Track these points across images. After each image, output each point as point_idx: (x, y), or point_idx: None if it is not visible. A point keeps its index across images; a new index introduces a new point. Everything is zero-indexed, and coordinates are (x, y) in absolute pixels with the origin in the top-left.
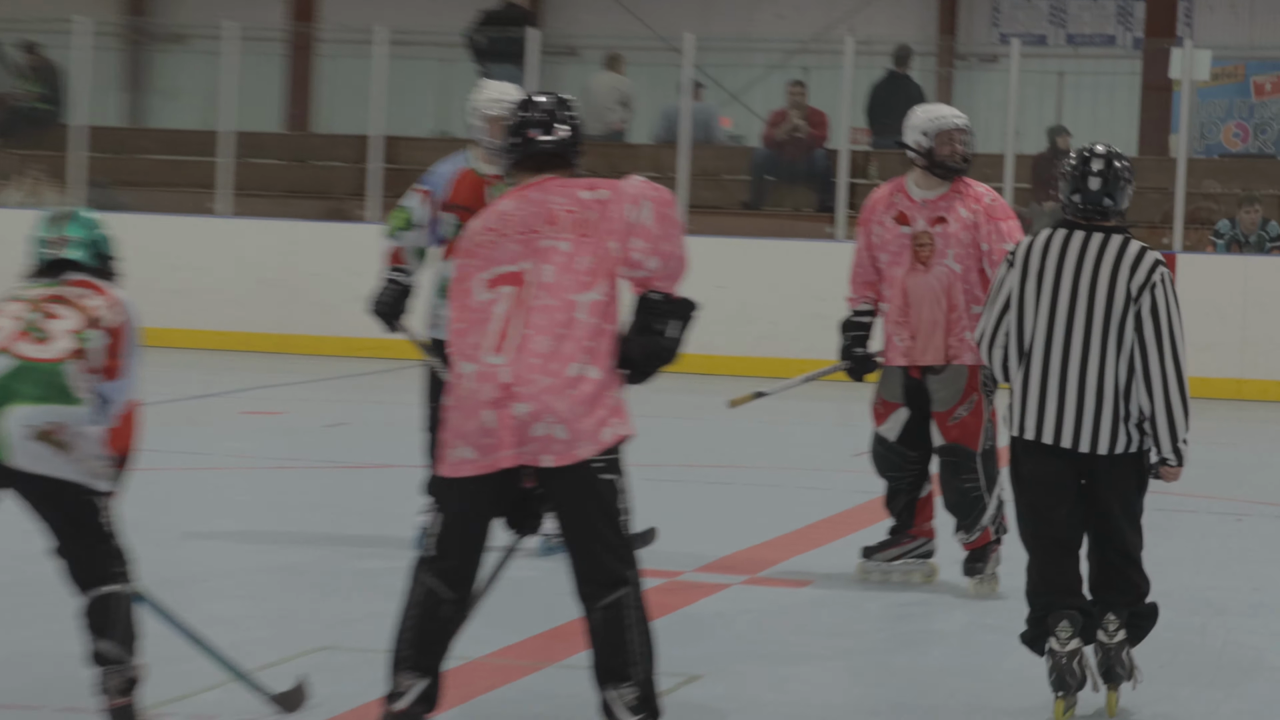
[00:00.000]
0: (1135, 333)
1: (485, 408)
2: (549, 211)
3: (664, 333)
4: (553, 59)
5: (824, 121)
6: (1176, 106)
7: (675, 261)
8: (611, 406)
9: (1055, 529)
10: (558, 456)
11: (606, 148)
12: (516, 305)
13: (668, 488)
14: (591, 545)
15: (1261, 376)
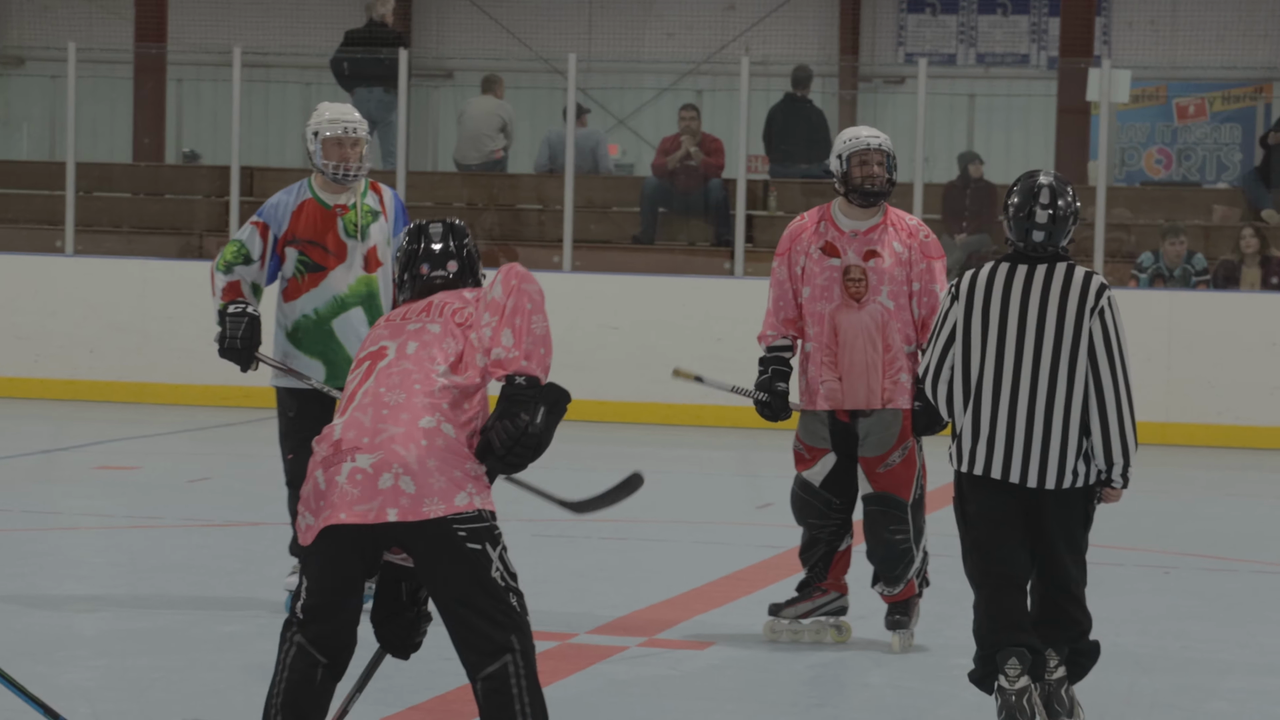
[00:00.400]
0: (1087, 357)
1: (317, 468)
2: (428, 303)
3: (529, 421)
4: (425, 82)
5: (719, 149)
6: (1095, 131)
7: (533, 341)
8: (471, 474)
9: (1003, 565)
10: (402, 511)
11: (485, 178)
12: (370, 374)
13: (558, 544)
14: (464, 614)
15: (1188, 420)
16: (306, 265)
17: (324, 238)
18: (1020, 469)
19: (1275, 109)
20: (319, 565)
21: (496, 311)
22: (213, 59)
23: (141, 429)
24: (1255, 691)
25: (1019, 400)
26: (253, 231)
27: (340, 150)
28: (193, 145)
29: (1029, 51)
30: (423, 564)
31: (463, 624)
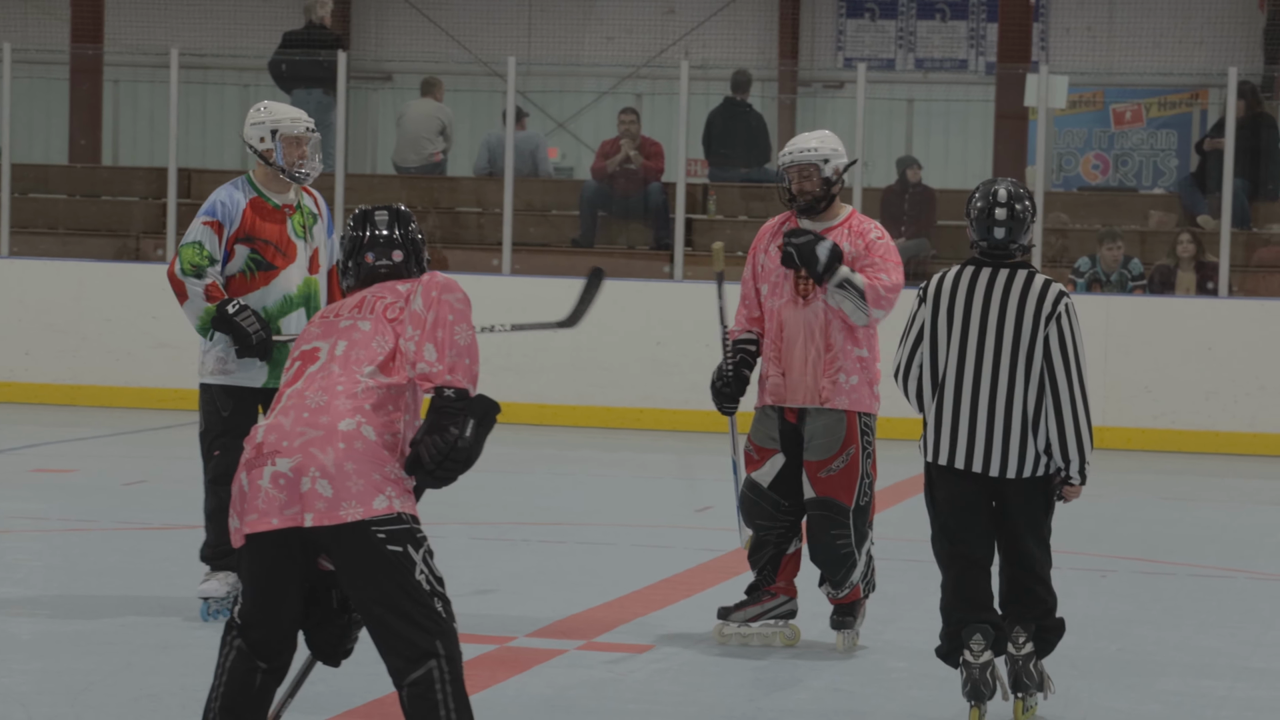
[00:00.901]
0: (1044, 361)
1: (241, 471)
2: (361, 298)
3: (459, 434)
4: (364, 84)
5: (659, 152)
6: (1033, 136)
7: (457, 352)
8: (391, 477)
9: (968, 548)
10: (318, 515)
11: (424, 181)
12: (299, 375)
13: (496, 547)
14: (388, 618)
15: (1125, 424)
16: (258, 263)
17: (276, 236)
18: (982, 459)
19: (1211, 115)
20: (251, 571)
21: (419, 325)
22: (150, 60)
23: (77, 431)
24: (1191, 694)
25: (980, 396)
26: (208, 232)
27: (299, 149)
28: (129, 147)
29: (967, 57)
30: (343, 568)
31: (386, 629)
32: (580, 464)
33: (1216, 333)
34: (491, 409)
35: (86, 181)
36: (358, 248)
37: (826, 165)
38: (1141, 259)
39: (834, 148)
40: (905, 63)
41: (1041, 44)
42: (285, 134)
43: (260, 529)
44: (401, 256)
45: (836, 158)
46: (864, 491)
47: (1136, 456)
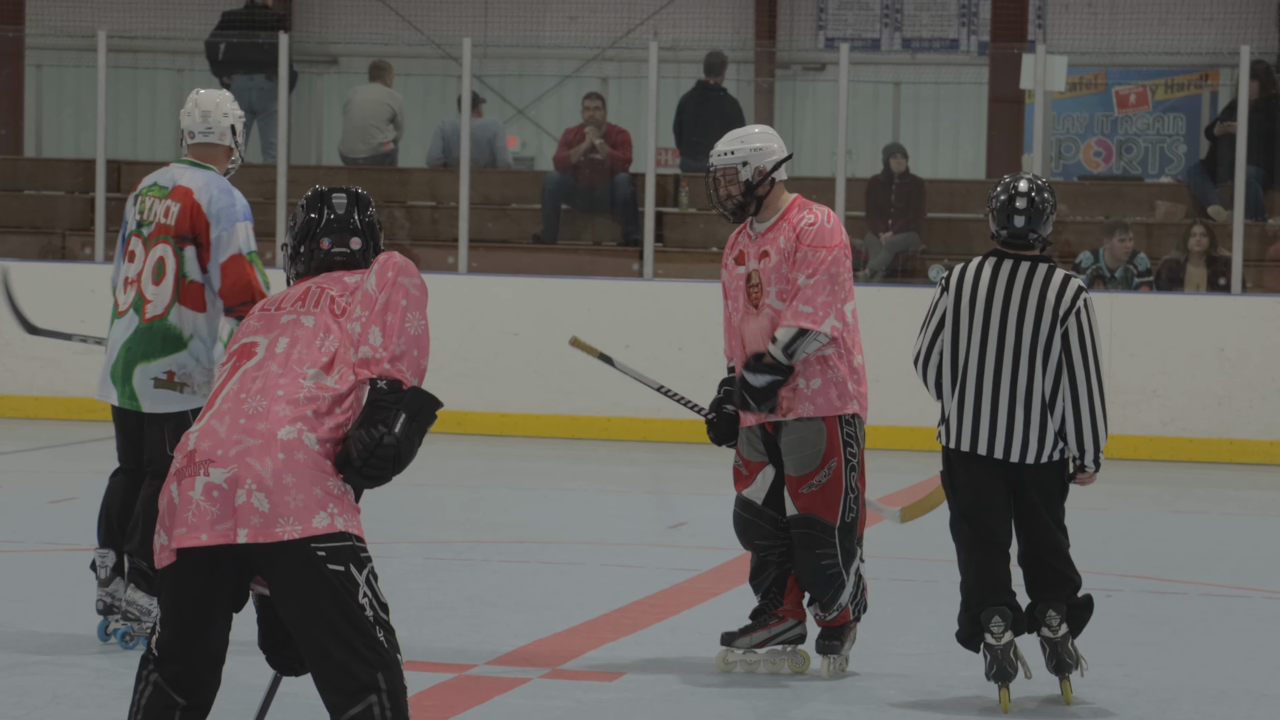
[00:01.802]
0: (1062, 353)
1: (171, 481)
2: (306, 289)
3: (386, 431)
4: (308, 68)
5: (626, 140)
6: (1029, 121)
7: (405, 341)
8: (334, 493)
9: (989, 531)
10: (252, 531)
11: (374, 172)
12: (234, 373)
13: (453, 567)
14: (326, 646)
15: (1131, 431)
16: None
17: None
18: (1003, 445)
19: (1222, 97)
20: (172, 594)
21: (368, 305)
22: (75, 43)
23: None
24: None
25: (1001, 385)
26: (250, 239)
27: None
28: (54, 137)
29: (958, 36)
30: (279, 590)
31: (324, 658)
32: (544, 477)
33: (1229, 332)
34: (429, 404)
35: (7, 174)
36: (311, 231)
37: (745, 168)
38: (1148, 253)
39: (756, 146)
40: (891, 43)
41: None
42: (236, 123)
43: (189, 544)
44: (360, 244)
45: (759, 158)
46: (849, 507)
47: (1144, 466)
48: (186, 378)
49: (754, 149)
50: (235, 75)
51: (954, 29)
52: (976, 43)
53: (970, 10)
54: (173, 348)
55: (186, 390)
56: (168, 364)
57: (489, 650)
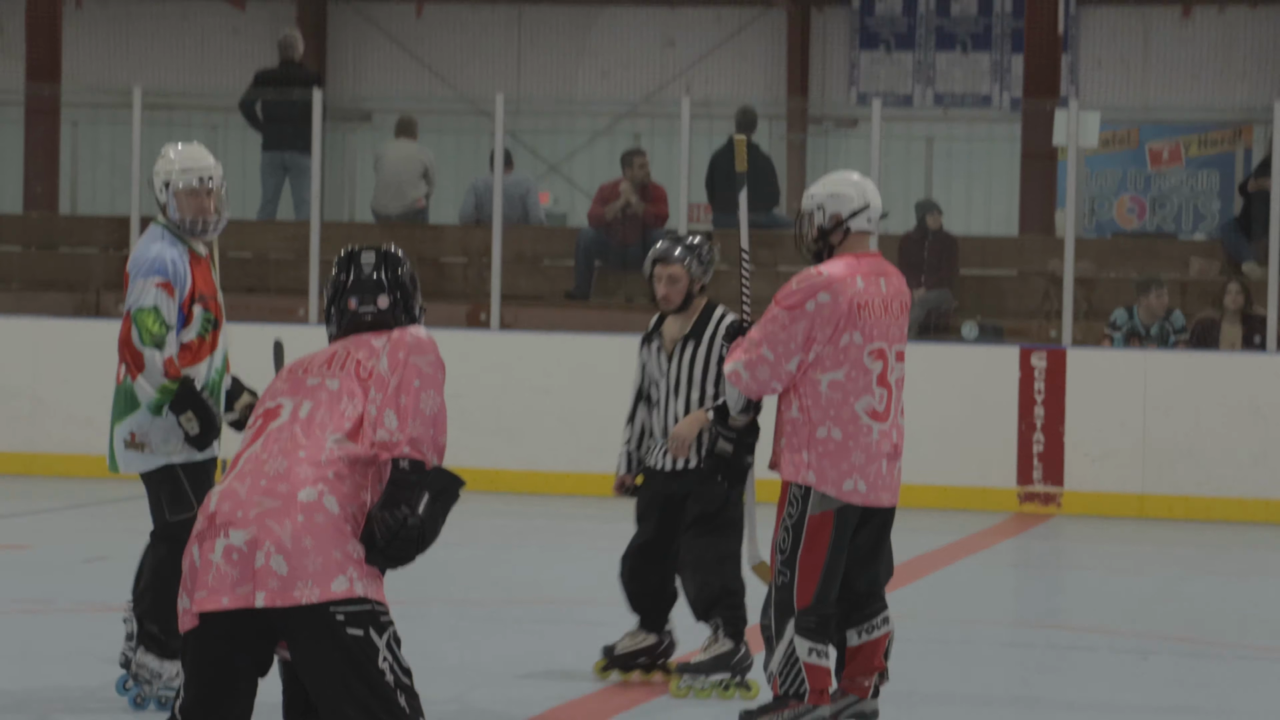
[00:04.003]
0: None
1: (193, 544)
2: (333, 353)
3: (410, 513)
4: (342, 124)
5: (662, 196)
6: (1062, 177)
7: (421, 422)
8: (354, 557)
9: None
10: (270, 595)
11: (407, 228)
12: (259, 435)
13: (485, 628)
14: (346, 711)
15: (1165, 491)
16: (210, 323)
17: (212, 290)
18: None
19: (1256, 153)
20: (196, 659)
21: (382, 388)
22: (111, 100)
23: (32, 503)
24: None
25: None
26: (164, 296)
27: (197, 201)
28: (89, 193)
29: (991, 92)
30: (299, 654)
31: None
32: (577, 536)
33: (1265, 391)
34: (452, 484)
35: (43, 231)
36: (341, 292)
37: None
38: (1183, 310)
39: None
40: (924, 98)
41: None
42: (177, 187)
43: (209, 608)
44: (388, 303)
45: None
46: (780, 571)
47: (1178, 526)
48: (145, 437)
49: (831, 194)
50: (270, 132)
51: (986, 85)
52: (1009, 98)
53: (1002, 66)
54: (131, 408)
55: (146, 450)
56: (129, 425)
57: (520, 713)
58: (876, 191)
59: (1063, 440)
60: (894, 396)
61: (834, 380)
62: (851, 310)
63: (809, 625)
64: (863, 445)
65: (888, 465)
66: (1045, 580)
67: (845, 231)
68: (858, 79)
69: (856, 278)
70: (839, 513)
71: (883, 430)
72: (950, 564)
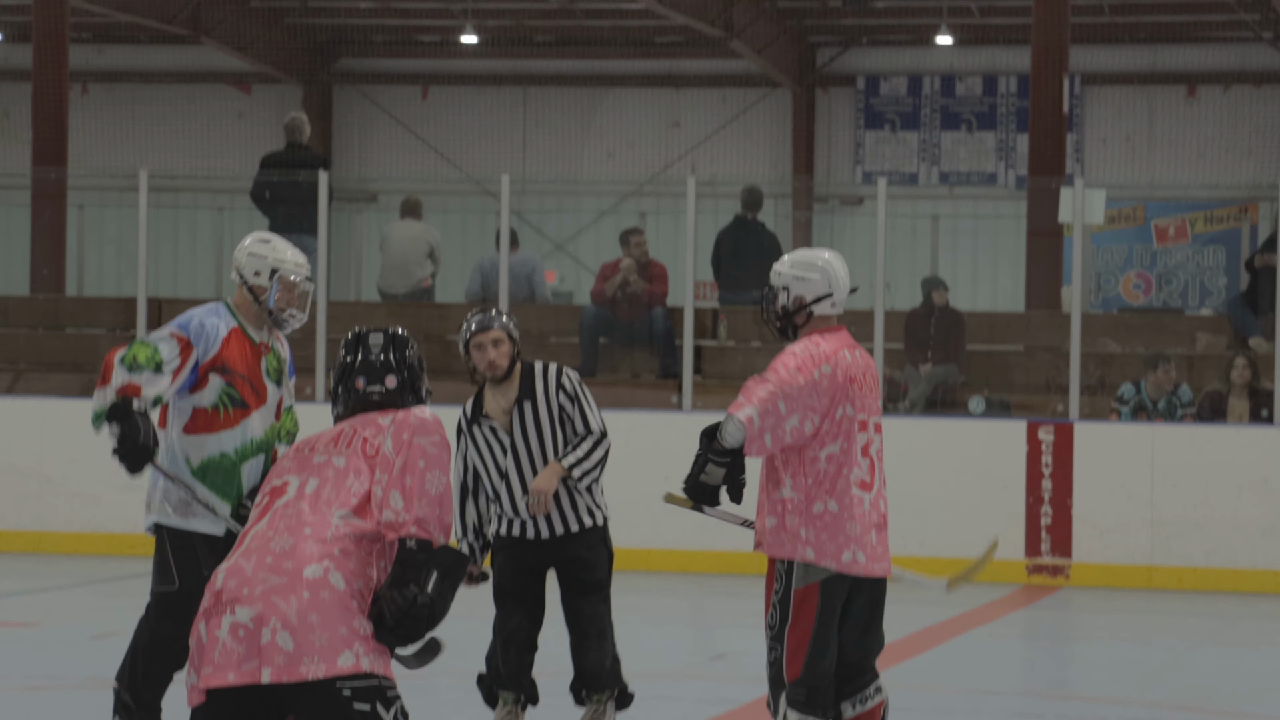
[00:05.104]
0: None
1: (199, 620)
2: (340, 431)
3: (419, 591)
4: (348, 205)
5: (662, 274)
6: (1068, 254)
7: (426, 502)
8: (360, 632)
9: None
10: (277, 671)
11: (413, 307)
12: (265, 513)
13: None
14: None
15: (1175, 563)
16: (232, 400)
17: (251, 374)
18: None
19: (1262, 230)
20: None
21: (387, 469)
22: (117, 183)
23: (39, 581)
24: None
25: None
26: (173, 345)
27: (292, 296)
28: (95, 275)
29: (996, 170)
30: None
31: None
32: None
33: (1273, 464)
34: (459, 562)
35: (49, 313)
36: (348, 373)
37: (785, 294)
38: (1190, 384)
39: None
40: (929, 177)
41: (1076, 155)
42: (286, 279)
43: (216, 684)
44: (395, 383)
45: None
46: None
47: (1188, 598)
48: (149, 496)
49: (797, 277)
50: (277, 214)
51: (991, 163)
52: (1014, 176)
53: (1007, 145)
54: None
55: (150, 510)
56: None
57: None
58: (845, 273)
59: (1070, 513)
60: (876, 468)
61: (830, 454)
62: (845, 382)
63: (799, 698)
64: (856, 516)
65: (878, 536)
66: (1054, 651)
67: (809, 315)
68: (863, 158)
69: (844, 350)
70: (824, 585)
71: (871, 500)
72: (959, 635)
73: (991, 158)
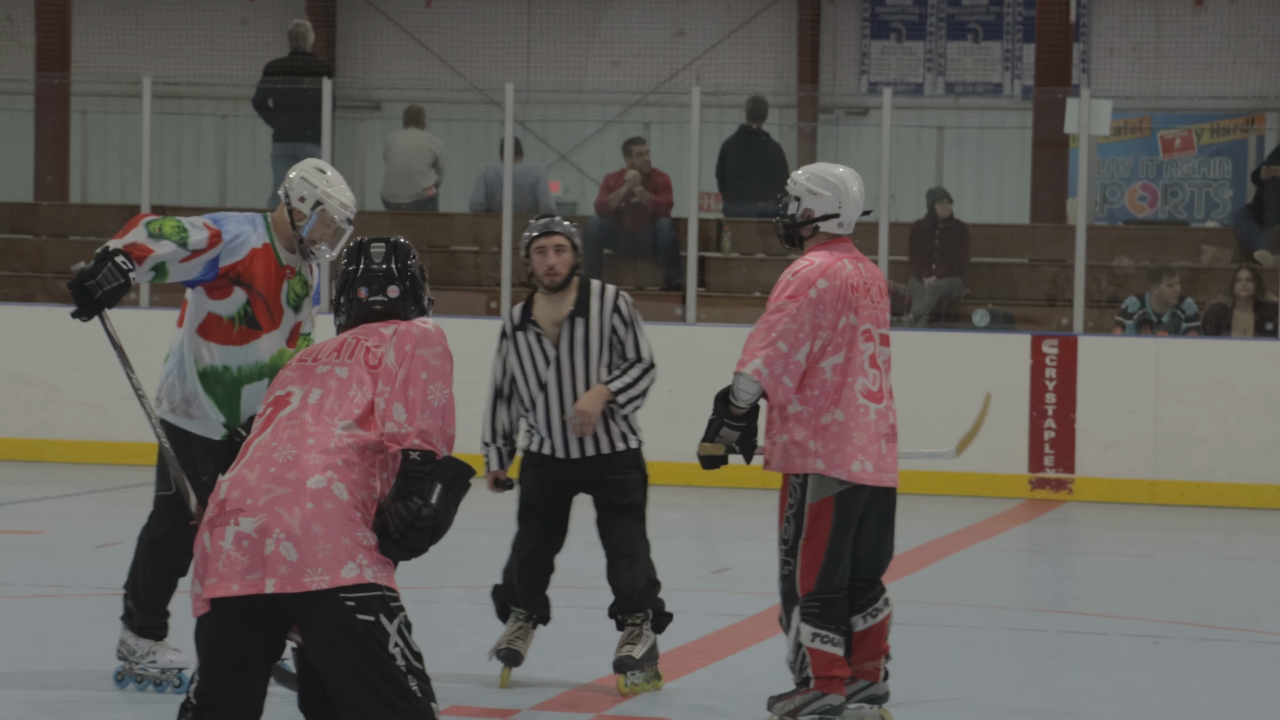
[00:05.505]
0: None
1: (204, 530)
2: (342, 341)
3: (423, 504)
4: (351, 114)
5: (667, 185)
6: (1074, 166)
7: (429, 413)
8: (364, 544)
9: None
10: (280, 581)
11: (417, 217)
12: (269, 423)
13: None
14: (358, 696)
15: (1178, 477)
16: (246, 319)
17: (270, 294)
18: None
19: (1269, 141)
20: (209, 644)
21: (390, 381)
22: (120, 89)
23: (45, 490)
24: None
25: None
26: (202, 231)
27: (329, 233)
28: (99, 183)
29: (1002, 80)
30: (311, 640)
31: (356, 708)
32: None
33: (1276, 378)
34: (463, 473)
35: (54, 220)
36: (350, 282)
37: (796, 204)
38: (1194, 298)
39: (812, 190)
40: (935, 87)
41: (1083, 66)
42: (326, 213)
43: (220, 594)
44: (398, 292)
45: (811, 200)
46: (783, 561)
47: (1191, 513)
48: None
49: (810, 190)
50: (280, 123)
51: (998, 73)
52: (1020, 87)
53: (1014, 55)
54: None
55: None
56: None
57: (533, 695)
58: (859, 195)
59: (1074, 427)
60: (884, 378)
61: (835, 364)
62: (846, 292)
63: (812, 610)
64: (863, 426)
65: (887, 446)
66: (1056, 566)
67: (814, 229)
68: (868, 68)
69: (843, 261)
70: (839, 498)
71: (879, 411)
72: (961, 550)
73: (998, 68)
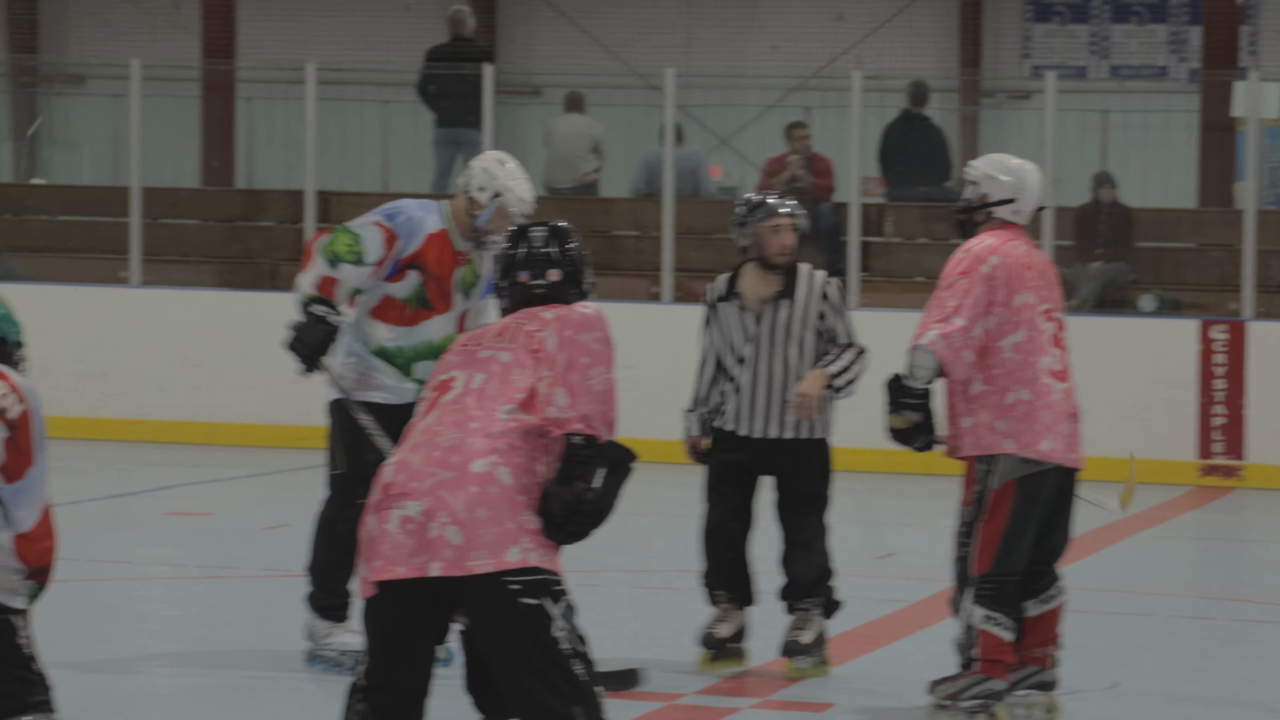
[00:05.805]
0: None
1: (370, 514)
2: (504, 325)
3: (586, 487)
4: (512, 99)
5: (828, 169)
6: (1242, 150)
7: (591, 398)
8: (527, 527)
9: None
10: (446, 564)
11: (578, 202)
12: (433, 407)
13: (661, 596)
14: (522, 679)
15: None
16: (420, 300)
17: (445, 280)
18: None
19: None
20: (376, 626)
21: (551, 365)
22: (285, 76)
23: (214, 472)
24: None
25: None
26: (378, 235)
27: (503, 225)
28: (264, 168)
29: (1168, 63)
30: (476, 624)
31: (521, 692)
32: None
33: None
34: (625, 457)
35: (220, 206)
36: (511, 266)
37: (973, 188)
38: None
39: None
40: (1099, 70)
41: (1251, 48)
42: (505, 205)
43: (385, 577)
44: (559, 276)
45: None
46: (965, 543)
47: None
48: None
49: (988, 175)
50: (443, 109)
51: (1163, 56)
52: (1187, 70)
53: (1180, 37)
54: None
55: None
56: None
57: (698, 680)
58: (1038, 187)
59: (1243, 413)
60: (1067, 358)
61: (1016, 343)
62: (1019, 270)
63: (986, 592)
64: (1050, 404)
65: (1072, 426)
66: (1227, 553)
67: (987, 214)
68: (1031, 51)
69: (1016, 242)
70: (1022, 481)
71: (1064, 390)
72: (1130, 536)
73: (1163, 50)
